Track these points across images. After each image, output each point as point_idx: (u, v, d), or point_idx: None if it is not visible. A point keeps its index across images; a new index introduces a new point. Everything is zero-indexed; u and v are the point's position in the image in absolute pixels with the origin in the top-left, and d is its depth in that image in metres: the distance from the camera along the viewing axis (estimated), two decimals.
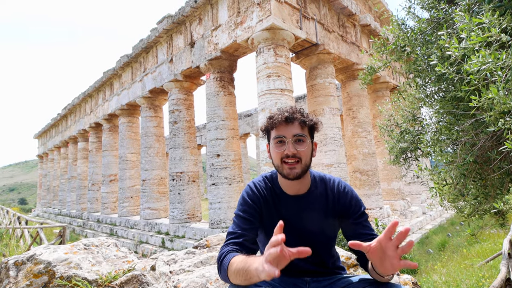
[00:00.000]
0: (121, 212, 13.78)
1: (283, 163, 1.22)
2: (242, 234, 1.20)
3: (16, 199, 53.41)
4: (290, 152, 1.20)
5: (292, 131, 1.22)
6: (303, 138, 1.23)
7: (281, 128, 1.23)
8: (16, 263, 1.47)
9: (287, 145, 1.21)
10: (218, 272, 1.12)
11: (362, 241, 1.25)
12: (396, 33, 2.35)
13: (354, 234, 1.29)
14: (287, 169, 1.21)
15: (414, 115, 2.64)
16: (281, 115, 1.22)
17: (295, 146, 1.21)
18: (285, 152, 1.20)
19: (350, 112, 10.50)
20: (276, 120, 1.23)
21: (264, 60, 7.66)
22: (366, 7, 11.83)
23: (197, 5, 9.34)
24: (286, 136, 1.21)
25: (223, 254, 1.11)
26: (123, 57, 13.69)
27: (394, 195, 11.54)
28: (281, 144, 1.23)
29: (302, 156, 1.22)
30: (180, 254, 2.14)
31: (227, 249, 1.13)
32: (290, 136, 1.21)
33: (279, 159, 1.23)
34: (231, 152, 9.07)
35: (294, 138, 1.21)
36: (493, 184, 2.04)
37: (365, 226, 1.29)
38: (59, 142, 23.32)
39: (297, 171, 1.21)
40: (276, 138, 1.23)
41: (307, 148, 1.23)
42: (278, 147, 1.23)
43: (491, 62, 1.41)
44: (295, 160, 1.21)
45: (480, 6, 1.77)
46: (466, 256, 5.97)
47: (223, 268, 1.07)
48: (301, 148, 1.21)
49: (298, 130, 1.22)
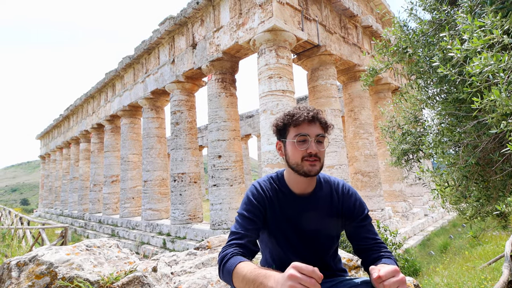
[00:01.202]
0: (123, 213, 13.80)
1: (304, 160, 1.22)
2: (246, 235, 1.19)
3: (18, 200, 53.58)
4: (314, 151, 1.21)
5: (315, 131, 1.23)
6: (323, 139, 1.25)
7: (305, 127, 1.23)
8: (18, 264, 1.48)
9: (310, 144, 1.21)
10: (220, 273, 1.11)
11: (365, 245, 1.28)
12: (398, 35, 2.35)
13: (357, 238, 1.29)
14: (308, 165, 1.21)
15: (416, 117, 2.64)
16: (307, 114, 1.23)
17: (317, 145, 1.22)
18: (309, 150, 1.21)
19: (352, 113, 10.49)
20: (301, 118, 1.23)
21: (265, 61, 7.66)
22: (368, 9, 11.83)
23: (199, 6, 9.36)
24: (310, 135, 1.22)
25: (227, 256, 1.10)
26: (125, 58, 13.73)
27: (395, 197, 11.51)
28: (303, 143, 1.22)
29: (321, 156, 1.24)
30: (182, 255, 2.15)
31: (230, 251, 1.12)
32: (313, 135, 1.22)
33: (299, 158, 1.22)
34: (233, 153, 9.07)
35: (317, 138, 1.23)
36: (495, 186, 2.03)
37: (369, 230, 1.30)
38: (61, 143, 23.39)
39: (317, 168, 1.22)
40: (300, 136, 1.23)
41: (325, 149, 1.26)
42: (300, 145, 1.23)
43: (493, 64, 1.41)
44: (316, 158, 1.22)
45: (482, 8, 1.77)
46: (468, 258, 5.94)
47: (227, 271, 1.06)
48: (322, 148, 1.24)
49: (320, 131, 1.24)
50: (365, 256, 1.27)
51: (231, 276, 1.04)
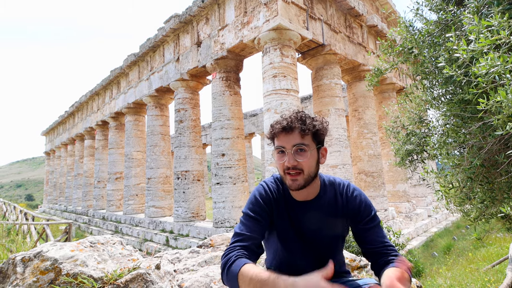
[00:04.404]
0: (126, 210, 13.89)
1: (286, 174, 1.17)
2: (251, 237, 1.15)
3: (23, 195, 54.05)
4: (290, 164, 1.14)
5: (291, 141, 1.15)
6: (304, 147, 1.15)
7: (281, 138, 1.17)
8: (23, 259, 1.49)
9: (287, 156, 1.15)
10: (224, 277, 1.07)
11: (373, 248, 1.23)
12: (404, 35, 2.34)
13: (365, 241, 1.25)
14: (289, 180, 1.17)
15: (421, 117, 2.62)
16: (280, 124, 1.16)
17: (296, 156, 1.14)
18: (285, 164, 1.15)
19: (356, 113, 10.45)
20: (276, 130, 1.17)
21: (270, 60, 7.65)
22: (374, 8, 11.77)
23: (204, 4, 9.37)
24: (285, 147, 1.15)
25: (231, 259, 1.06)
26: (130, 56, 13.77)
27: (399, 197, 11.47)
28: (281, 154, 1.17)
29: (304, 168, 1.15)
30: (185, 253, 2.16)
31: (234, 254, 1.08)
32: (289, 146, 1.15)
33: (282, 170, 1.19)
34: (236, 152, 9.08)
35: (295, 148, 1.14)
36: (500, 188, 2.02)
37: (377, 232, 1.25)
38: (66, 140, 23.55)
39: (299, 182, 1.16)
40: (277, 149, 1.18)
41: (310, 158, 1.16)
42: (279, 158, 1.18)
43: (499, 65, 1.39)
44: (296, 171, 1.15)
45: (489, 8, 1.75)
46: (472, 260, 5.91)
47: (232, 274, 1.02)
48: (302, 159, 1.14)
49: (297, 140, 1.15)
50: (373, 260, 1.23)
51: (236, 279, 1.00)
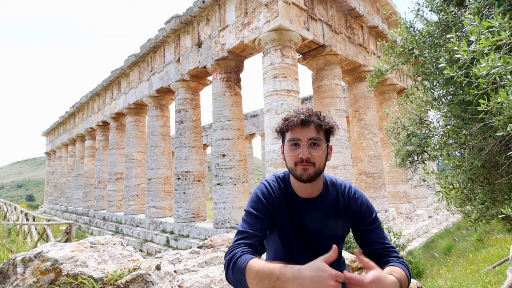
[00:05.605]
0: (127, 210, 13.89)
1: (297, 165, 1.20)
2: (254, 235, 1.16)
3: (24, 196, 54.09)
4: (305, 156, 1.18)
5: (307, 135, 1.19)
6: (319, 142, 1.20)
7: (297, 131, 1.20)
8: (24, 260, 1.49)
9: (301, 148, 1.19)
10: (229, 273, 1.06)
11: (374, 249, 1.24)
12: (404, 36, 2.34)
13: (366, 242, 1.27)
14: (301, 169, 1.19)
15: (421, 118, 2.62)
16: (297, 118, 1.20)
17: (310, 150, 1.19)
18: (300, 155, 1.18)
19: (357, 114, 10.45)
20: (292, 122, 1.20)
21: (270, 60, 7.66)
22: (374, 9, 11.77)
23: (205, 5, 9.38)
24: (301, 139, 1.19)
25: (236, 255, 1.06)
26: (131, 56, 13.79)
27: (399, 198, 11.46)
28: (295, 147, 1.20)
29: (316, 161, 1.19)
30: (185, 253, 2.16)
31: (239, 250, 1.09)
32: (305, 139, 1.19)
33: (293, 162, 1.21)
34: (237, 153, 9.08)
35: (310, 142, 1.19)
36: (501, 189, 2.02)
37: (377, 233, 1.27)
38: (67, 140, 23.58)
39: (310, 172, 1.19)
40: (291, 141, 1.21)
41: (322, 152, 1.21)
42: (292, 150, 1.21)
43: (500, 66, 1.39)
44: (309, 164, 1.19)
45: (490, 9, 1.75)
46: (472, 261, 5.90)
47: (238, 269, 1.02)
48: (316, 153, 1.19)
49: (313, 134, 1.19)
50: (374, 261, 1.22)
51: (243, 274, 1.00)
